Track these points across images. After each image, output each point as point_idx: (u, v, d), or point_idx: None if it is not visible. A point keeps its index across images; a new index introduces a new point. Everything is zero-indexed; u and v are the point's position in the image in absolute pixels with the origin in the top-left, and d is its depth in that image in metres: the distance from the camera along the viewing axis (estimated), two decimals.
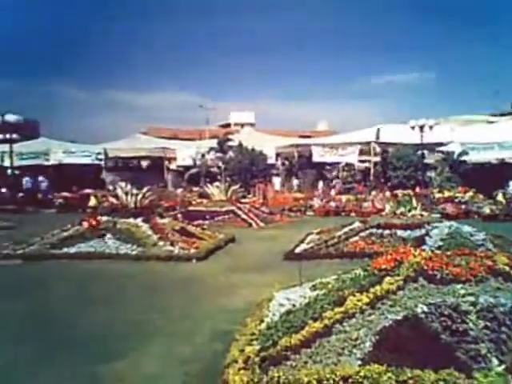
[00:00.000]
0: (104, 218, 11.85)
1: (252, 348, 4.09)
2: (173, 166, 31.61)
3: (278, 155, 29.25)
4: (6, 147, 26.47)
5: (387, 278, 5.14)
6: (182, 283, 8.08)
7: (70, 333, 5.58)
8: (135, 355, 4.84)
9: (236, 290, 7.37)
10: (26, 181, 25.94)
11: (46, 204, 23.54)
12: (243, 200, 20.09)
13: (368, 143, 25.15)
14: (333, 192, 23.16)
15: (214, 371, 4.21)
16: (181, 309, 6.50)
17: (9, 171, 27.08)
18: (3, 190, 26.27)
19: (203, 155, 28.72)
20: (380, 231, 10.71)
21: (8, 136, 26.06)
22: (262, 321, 4.92)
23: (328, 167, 27.12)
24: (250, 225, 15.88)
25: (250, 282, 7.85)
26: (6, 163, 27.42)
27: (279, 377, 3.55)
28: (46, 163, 29.27)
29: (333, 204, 19.90)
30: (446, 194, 19.66)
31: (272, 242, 12.35)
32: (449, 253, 6.03)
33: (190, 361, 4.65)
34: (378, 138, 25.69)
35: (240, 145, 27.12)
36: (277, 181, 26.43)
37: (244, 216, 16.44)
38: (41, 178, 25.80)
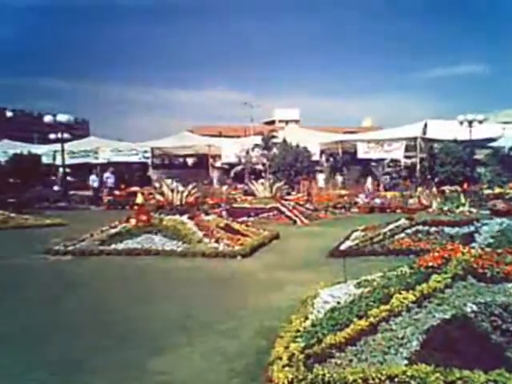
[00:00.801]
0: (151, 215, 12.06)
1: (296, 345, 4.09)
2: (218, 164, 31.87)
3: (322, 152, 29.06)
4: (57, 146, 27.38)
5: (434, 276, 5.05)
6: (227, 280, 8.14)
7: (120, 326, 5.72)
8: (182, 350, 4.91)
9: (280, 287, 7.38)
10: (93, 179, 25.99)
11: (95, 201, 24.20)
12: (287, 197, 20.05)
13: (414, 139, 24.66)
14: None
15: (259, 368, 4.24)
16: (226, 305, 6.55)
17: (60, 169, 27.97)
18: (56, 188, 27.14)
19: (248, 152, 28.83)
20: (427, 228, 10.49)
21: (60, 135, 26.95)
22: (306, 318, 4.91)
23: (373, 163, 26.74)
24: (295, 222, 15.84)
25: (294, 279, 7.84)
26: (58, 162, 28.35)
27: (324, 375, 3.53)
28: (95, 161, 30.12)
29: (378, 201, 19.62)
30: (497, 190, 19.06)
31: (316, 238, 12.29)
32: (499, 250, 5.87)
33: (235, 357, 4.68)
34: (424, 133, 25.16)
35: (284, 141, 27.06)
36: (321, 177, 26.24)
37: (288, 213, 16.42)
38: (107, 175, 25.84)
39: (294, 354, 3.91)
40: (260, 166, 28.20)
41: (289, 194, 21.63)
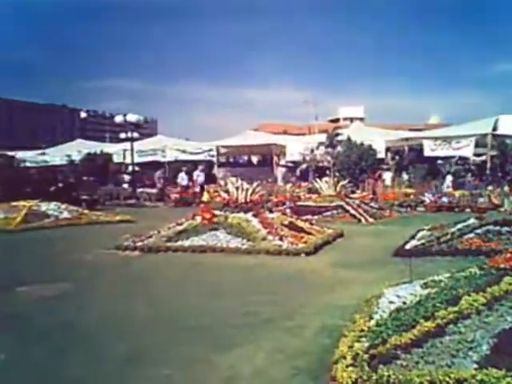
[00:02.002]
0: (216, 213, 12.28)
1: (361, 345, 4.06)
2: (282, 162, 31.92)
3: (387, 149, 28.48)
4: (127, 145, 28.37)
5: (506, 278, 4.87)
6: (291, 277, 8.16)
7: (187, 321, 5.85)
8: (246, 346, 4.97)
9: (345, 286, 7.33)
10: (182, 177, 26.09)
11: (161, 199, 24.87)
12: (352, 195, 19.83)
13: (484, 135, 23.71)
14: (445, 187, 22.16)
15: (322, 366, 4.24)
16: (290, 302, 6.57)
17: (130, 168, 28.94)
18: (125, 186, 28.11)
19: (312, 150, 28.69)
20: (498, 228, 10.08)
21: (129, 135, 27.90)
22: (371, 317, 4.86)
23: (440, 161, 25.92)
24: (359, 220, 15.66)
25: (358, 278, 7.77)
26: (128, 160, 29.35)
27: (389, 376, 3.48)
28: (163, 160, 30.96)
29: (445, 199, 19.05)
30: None
31: (381, 237, 12.10)
32: None
33: (298, 354, 4.69)
34: (495, 129, 24.12)
35: (349, 139, 26.72)
36: (387, 176, 25.73)
37: (353, 211, 16.23)
38: (197, 173, 26.07)
39: (358, 353, 3.89)
40: (325, 164, 27.99)
41: (353, 192, 21.38)
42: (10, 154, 29.72)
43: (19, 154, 32.07)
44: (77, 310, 6.40)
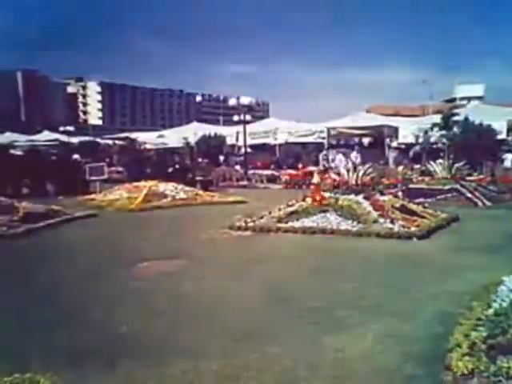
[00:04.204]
0: (326, 195, 12.26)
1: (478, 334, 3.91)
2: (394, 144, 31.00)
3: (509, 130, 26.59)
4: (240, 127, 29.09)
5: None
6: (403, 261, 7.98)
7: (297, 302, 5.94)
8: (355, 329, 4.97)
9: (460, 271, 7.05)
10: (340, 159, 25.47)
11: (272, 180, 25.21)
12: (468, 178, 18.84)
13: None
14: None
15: (435, 354, 4.14)
16: (402, 287, 6.45)
17: (242, 150, 29.64)
18: (237, 168, 28.85)
19: (426, 132, 27.55)
20: None
21: (242, 117, 28.57)
22: (489, 306, 4.65)
23: None
24: (476, 204, 14.92)
25: (475, 264, 7.43)
26: (240, 142, 30.10)
27: (509, 368, 3.33)
28: (274, 142, 31.34)
29: None
30: None
31: (500, 222, 11.46)
32: None
33: (409, 340, 4.61)
34: None
35: (466, 120, 25.30)
36: (508, 157, 24.09)
37: (469, 194, 15.49)
38: (354, 154, 25.61)
39: (475, 343, 3.76)
40: (439, 146, 26.77)
41: (470, 174, 20.27)
42: (133, 136, 31.63)
43: (140, 137, 34.02)
44: (194, 286, 6.72)
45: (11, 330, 5.15)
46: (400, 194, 15.22)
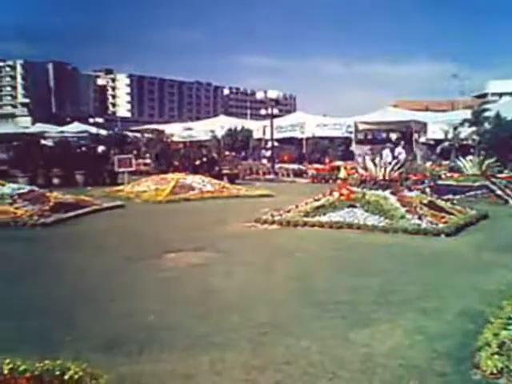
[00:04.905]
0: (353, 190, 12.20)
1: (508, 333, 3.87)
2: (422, 139, 30.61)
3: None
4: (267, 121, 29.10)
5: None
6: (430, 257, 7.93)
7: (324, 296, 5.94)
8: (383, 325, 4.95)
9: (489, 269, 6.97)
10: (386, 154, 23.72)
11: (299, 174, 25.19)
12: (499, 175, 18.52)
13: None
14: None
15: (463, 352, 4.11)
16: (429, 284, 6.40)
17: (269, 143, 29.65)
18: (264, 161, 28.88)
19: (456, 128, 27.14)
20: None
21: (269, 111, 28.55)
22: None
23: None
24: (506, 201, 14.69)
25: (503, 262, 7.36)
26: (267, 136, 30.10)
27: None
28: (301, 136, 31.27)
29: None
30: None
31: None
32: None
33: (437, 337, 4.58)
34: None
35: (497, 116, 24.81)
36: None
37: (499, 192, 15.26)
38: (399, 150, 25.22)
39: (504, 342, 3.71)
40: (469, 142, 26.34)
41: (500, 172, 19.92)
42: (161, 128, 31.88)
43: (168, 129, 34.27)
44: (220, 278, 6.77)
45: (42, 316, 5.27)
46: (428, 190, 15.06)
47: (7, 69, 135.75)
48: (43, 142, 29.65)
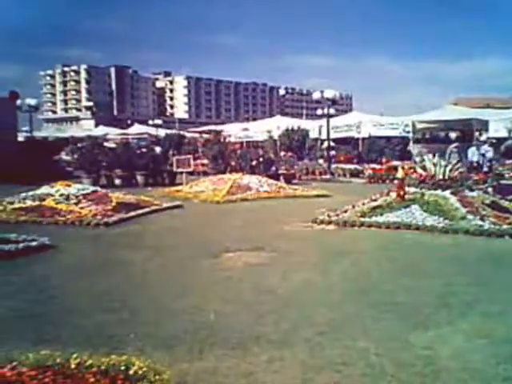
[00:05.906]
0: (412, 190, 12.01)
1: None
2: (483, 138, 29.63)
3: None
4: (323, 121, 29.00)
5: None
6: (494, 260, 7.70)
7: (382, 297, 5.89)
8: (444, 327, 4.87)
9: None
10: (472, 152, 24.10)
11: (356, 174, 25.01)
12: None
13: None
14: None
15: None
16: (492, 287, 6.24)
17: (325, 144, 29.51)
18: (320, 161, 28.77)
19: None
20: None
21: (326, 111, 28.44)
22: None
23: None
24: None
25: None
26: (323, 136, 29.97)
27: None
28: (357, 136, 30.95)
29: None
30: None
31: None
32: None
33: (502, 342, 4.47)
34: None
35: None
36: None
37: None
38: (486, 147, 23.81)
39: None
40: None
41: None
42: (218, 129, 32.31)
43: (225, 130, 34.70)
44: (278, 278, 6.81)
45: (104, 313, 5.47)
46: (490, 190, 14.60)
47: (72, 73, 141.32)
48: (106, 143, 30.66)
